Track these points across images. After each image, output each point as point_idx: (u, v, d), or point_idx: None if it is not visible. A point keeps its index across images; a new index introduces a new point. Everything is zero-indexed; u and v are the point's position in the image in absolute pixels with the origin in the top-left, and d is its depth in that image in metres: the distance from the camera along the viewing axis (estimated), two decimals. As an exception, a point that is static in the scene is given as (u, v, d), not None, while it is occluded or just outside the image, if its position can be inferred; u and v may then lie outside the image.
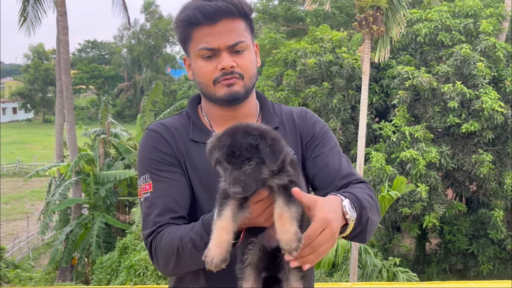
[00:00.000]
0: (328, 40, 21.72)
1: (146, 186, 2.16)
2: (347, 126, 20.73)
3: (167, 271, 2.10)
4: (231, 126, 1.85)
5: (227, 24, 2.14)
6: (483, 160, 17.93)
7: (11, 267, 19.32)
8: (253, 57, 2.25)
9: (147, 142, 2.24)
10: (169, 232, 2.04)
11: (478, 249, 20.13)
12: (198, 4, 2.13)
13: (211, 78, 2.16)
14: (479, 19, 19.98)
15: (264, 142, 1.78)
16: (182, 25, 2.17)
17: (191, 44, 2.19)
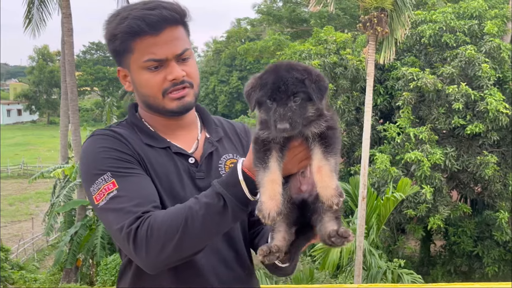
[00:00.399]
0: (332, 41, 21.71)
1: (108, 186, 1.98)
2: (351, 127, 20.71)
3: (162, 257, 1.87)
4: (272, 65, 1.83)
5: (171, 33, 2.07)
6: (488, 162, 17.89)
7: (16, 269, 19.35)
8: (196, 64, 2.21)
9: (98, 145, 2.07)
10: (164, 212, 1.92)
11: (483, 251, 20.06)
12: (140, 13, 2.03)
13: (160, 90, 2.09)
14: (484, 21, 19.94)
15: (310, 78, 1.76)
16: (123, 36, 2.05)
17: (133, 55, 2.08)
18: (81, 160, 2.10)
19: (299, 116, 1.72)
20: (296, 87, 1.73)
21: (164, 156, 2.14)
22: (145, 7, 2.06)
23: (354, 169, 19.30)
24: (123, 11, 2.10)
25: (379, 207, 15.96)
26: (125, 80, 2.19)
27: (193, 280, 2.09)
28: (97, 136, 2.11)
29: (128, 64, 2.12)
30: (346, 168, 21.20)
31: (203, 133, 2.31)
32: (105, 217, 1.97)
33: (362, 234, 15.19)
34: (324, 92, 1.77)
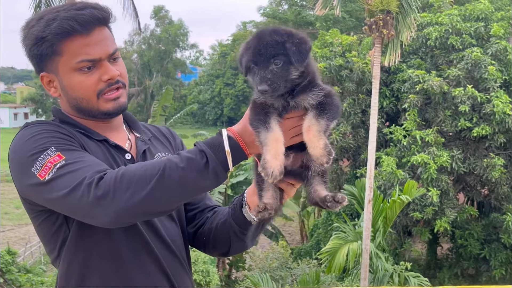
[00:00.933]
0: (338, 44, 21.71)
1: (53, 158, 1.87)
2: (357, 130, 20.69)
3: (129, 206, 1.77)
4: (258, 30, 1.84)
5: (100, 33, 2.03)
6: (494, 164, 17.83)
7: (23, 272, 19.37)
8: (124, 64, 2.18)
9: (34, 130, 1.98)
10: (137, 164, 1.88)
11: (490, 254, 19.98)
12: (70, 14, 1.98)
13: (94, 92, 2.04)
14: (490, 23, 19.90)
15: (291, 40, 1.78)
16: (52, 38, 1.97)
17: (62, 58, 2.01)
18: (14, 149, 1.98)
19: (280, 78, 1.75)
20: (275, 50, 1.75)
21: (103, 148, 2.10)
22: (73, 7, 2.01)
23: (360, 171, 19.27)
24: (47, 13, 2.03)
25: (385, 210, 15.93)
26: (50, 85, 2.11)
27: None
28: (31, 125, 2.03)
29: (56, 68, 2.04)
30: (352, 171, 21.18)
31: (132, 134, 2.30)
32: (54, 187, 1.84)
33: (368, 237, 15.16)
34: (305, 54, 1.78)
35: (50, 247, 2.11)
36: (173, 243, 2.19)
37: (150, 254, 2.09)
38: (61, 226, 2.04)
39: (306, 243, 25.28)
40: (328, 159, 1.73)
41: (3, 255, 18.50)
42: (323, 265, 16.61)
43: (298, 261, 19.31)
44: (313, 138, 1.74)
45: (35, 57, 2.06)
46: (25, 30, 2.06)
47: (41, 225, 2.08)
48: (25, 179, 1.92)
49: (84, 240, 2.03)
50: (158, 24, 75.98)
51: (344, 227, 16.79)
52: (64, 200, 1.84)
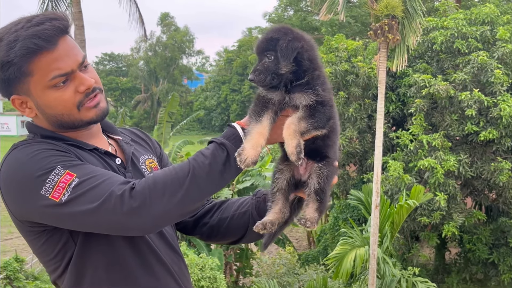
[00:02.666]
0: (343, 49, 21.69)
1: (64, 178, 1.83)
2: (363, 135, 20.66)
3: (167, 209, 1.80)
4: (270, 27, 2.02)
5: (65, 43, 1.96)
6: (502, 168, 17.74)
7: (31, 279, 19.41)
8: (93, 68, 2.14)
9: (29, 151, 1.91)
10: (163, 170, 1.90)
11: (498, 258, 19.87)
12: (31, 31, 1.89)
13: (74, 104, 1.99)
14: (496, 26, 19.84)
15: (284, 38, 1.93)
16: (19, 61, 1.89)
17: (32, 78, 1.93)
18: (9, 173, 1.90)
19: (268, 71, 1.91)
20: (268, 45, 1.93)
21: (96, 157, 2.08)
22: (31, 24, 1.92)
23: (367, 176, 19.22)
24: (6, 34, 1.93)
25: (392, 215, 15.90)
26: (23, 107, 2.03)
27: None
28: (22, 146, 1.97)
29: (27, 89, 1.96)
30: (359, 176, 21.13)
31: (111, 139, 2.28)
32: (76, 206, 1.81)
33: (375, 242, 15.12)
34: (291, 51, 1.91)
35: (54, 267, 2.06)
36: (172, 240, 2.23)
37: (155, 257, 2.10)
38: (67, 243, 2.00)
39: (313, 248, 25.21)
40: (296, 158, 1.83)
41: (11, 262, 18.55)
42: (331, 271, 16.57)
43: (306, 267, 19.27)
44: (288, 136, 1.86)
45: (3, 82, 1.97)
46: None
47: (44, 245, 2.03)
48: (31, 204, 1.87)
49: (91, 252, 2.01)
50: (164, 31, 76.37)
51: (351, 233, 16.76)
52: (92, 216, 1.82)
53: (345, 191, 21.98)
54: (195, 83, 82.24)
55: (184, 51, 76.79)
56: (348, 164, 21.96)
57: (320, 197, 2.02)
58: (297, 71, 1.93)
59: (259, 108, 1.93)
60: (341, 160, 21.08)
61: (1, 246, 29.57)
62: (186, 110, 72.22)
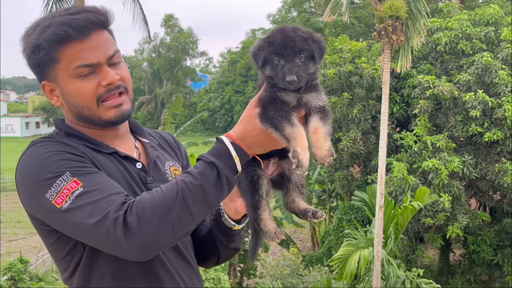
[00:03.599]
0: (347, 50, 21.68)
1: (70, 185, 1.81)
2: (367, 136, 20.64)
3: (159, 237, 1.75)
4: (278, 27, 1.96)
5: (98, 37, 1.97)
6: (506, 169, 17.69)
7: (35, 280, 19.45)
8: (127, 68, 2.13)
9: (45, 151, 1.91)
10: (152, 191, 1.82)
11: (503, 260, 19.82)
12: (64, 19, 1.92)
13: (94, 98, 1.98)
14: (500, 27, 19.80)
15: (312, 38, 1.93)
16: (47, 45, 1.92)
17: (59, 65, 1.95)
18: (23, 170, 1.91)
19: (303, 71, 1.89)
20: (302, 44, 1.89)
21: (114, 161, 2.05)
22: (67, 12, 1.96)
23: (371, 178, 19.20)
24: (42, 21, 1.98)
25: (396, 216, 15.87)
26: (52, 94, 2.05)
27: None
28: (40, 144, 1.95)
29: (55, 76, 1.99)
30: (363, 177, 21.11)
31: (138, 141, 2.26)
32: (74, 217, 1.80)
33: (380, 244, 15.10)
34: (323, 52, 1.94)
35: (64, 267, 2.07)
36: (185, 250, 2.18)
37: (163, 267, 2.07)
38: (76, 246, 2.00)
39: (317, 250, 25.20)
40: (330, 160, 1.84)
41: (15, 263, 18.59)
42: (335, 272, 16.56)
43: (310, 268, 19.25)
44: (320, 139, 1.85)
45: (35, 66, 2.01)
46: (24, 39, 2.01)
47: (54, 244, 2.04)
48: (37, 204, 1.88)
49: (99, 259, 1.99)
50: (167, 33, 76.42)
51: (356, 234, 16.74)
52: (87, 232, 1.81)
53: (349, 192, 21.97)
54: (198, 84, 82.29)
55: (188, 52, 76.82)
56: (352, 165, 21.94)
57: (303, 190, 2.11)
58: (316, 71, 1.96)
59: (283, 112, 1.87)
60: (345, 161, 21.08)
61: (6, 247, 29.63)
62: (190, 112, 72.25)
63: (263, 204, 2.04)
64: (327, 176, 23.21)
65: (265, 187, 2.04)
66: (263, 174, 2.04)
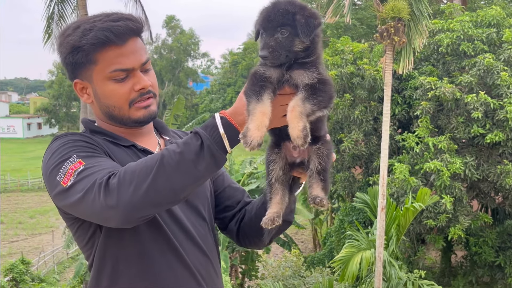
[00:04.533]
0: (349, 51, 21.68)
1: (74, 165, 1.91)
2: (369, 137, 20.63)
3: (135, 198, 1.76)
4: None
5: (134, 43, 2.09)
6: (508, 171, 17.68)
7: (37, 281, 19.49)
8: (155, 75, 2.23)
9: (62, 141, 2.04)
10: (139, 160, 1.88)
11: (505, 261, 19.79)
12: (106, 25, 2.03)
13: (127, 101, 2.09)
14: (502, 28, 19.79)
15: (302, 13, 1.80)
16: (88, 48, 2.04)
17: (96, 66, 2.07)
18: (44, 160, 2.03)
19: (282, 48, 1.78)
20: (284, 19, 1.78)
21: (130, 154, 2.14)
22: (108, 19, 2.07)
23: (373, 179, 19.20)
24: (83, 23, 2.08)
25: (398, 218, 15.86)
26: (83, 92, 2.17)
27: None
28: (59, 138, 2.08)
29: (90, 76, 2.11)
30: (365, 179, 21.09)
31: (162, 139, 2.36)
32: (72, 192, 1.88)
33: (381, 245, 15.08)
34: (313, 28, 1.80)
35: (87, 254, 2.16)
36: (203, 242, 2.22)
37: (177, 256, 2.11)
38: (95, 233, 2.09)
39: (319, 251, 25.18)
40: (303, 142, 1.74)
41: (17, 264, 18.62)
42: (336, 274, 16.54)
43: (311, 270, 19.25)
44: (293, 119, 1.75)
45: (70, 65, 2.12)
46: (61, 38, 2.12)
47: (77, 232, 2.14)
48: (53, 189, 1.96)
49: (112, 245, 2.07)
50: (169, 34, 76.49)
51: (357, 235, 16.73)
52: (80, 204, 1.87)
53: (351, 194, 21.95)
54: (200, 85, 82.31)
55: (190, 53, 76.89)
56: (353, 167, 21.93)
57: (323, 177, 1.99)
58: (308, 48, 1.83)
59: (257, 87, 1.81)
60: (347, 162, 21.07)
61: (8, 248, 29.65)
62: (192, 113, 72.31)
63: (275, 188, 2.02)
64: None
65: (277, 172, 2.02)
66: (277, 159, 2.02)
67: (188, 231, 2.16)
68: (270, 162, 2.02)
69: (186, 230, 2.16)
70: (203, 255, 2.21)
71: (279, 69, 1.83)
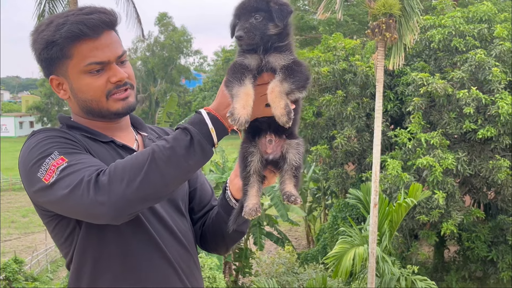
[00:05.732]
0: (341, 48, 21.70)
1: (56, 162, 1.90)
2: (362, 134, 20.66)
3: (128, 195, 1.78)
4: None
5: (108, 36, 2.09)
6: (500, 166, 17.75)
7: (30, 280, 19.41)
8: (131, 66, 2.23)
9: (40, 137, 2.02)
10: (127, 157, 1.89)
11: (497, 256, 19.89)
12: (79, 18, 2.03)
13: (103, 93, 2.09)
14: (493, 24, 19.85)
15: (275, 1, 1.88)
16: (62, 42, 2.02)
17: (71, 61, 2.06)
18: (22, 158, 2.01)
19: (257, 29, 1.85)
20: (258, 4, 1.86)
21: (109, 150, 2.14)
22: (81, 12, 2.07)
23: (366, 175, 19.24)
24: (56, 18, 2.09)
25: (391, 213, 15.90)
26: (59, 88, 2.16)
27: None
28: (36, 133, 2.06)
29: (65, 71, 2.10)
30: (358, 175, 21.14)
31: (139, 135, 2.36)
32: (56, 188, 1.87)
33: (374, 241, 15.13)
34: (286, 14, 1.88)
35: (65, 252, 2.15)
36: (185, 238, 2.23)
37: (160, 252, 2.12)
38: (74, 230, 2.08)
39: (312, 247, 25.23)
40: (287, 119, 1.77)
41: (10, 263, 18.54)
42: (330, 270, 16.59)
43: (305, 266, 19.29)
44: (274, 99, 1.79)
45: (45, 61, 2.11)
46: (35, 35, 2.11)
47: (55, 230, 2.12)
48: (33, 185, 1.95)
49: (93, 242, 2.07)
50: (161, 31, 76.20)
51: (350, 231, 16.77)
52: (66, 201, 1.86)
53: (344, 190, 22.00)
54: (193, 83, 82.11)
55: (182, 51, 76.65)
56: (346, 163, 21.97)
57: (297, 173, 2.01)
58: (281, 33, 1.90)
59: (238, 74, 1.84)
60: (340, 159, 21.10)
61: (1, 247, 29.54)
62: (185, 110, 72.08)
63: (252, 180, 2.03)
64: (322, 174, 23.21)
65: (256, 164, 2.03)
66: (255, 152, 2.03)
67: (169, 227, 2.17)
68: (248, 154, 2.04)
69: (167, 226, 2.16)
70: (185, 250, 2.21)
71: (256, 55, 1.88)
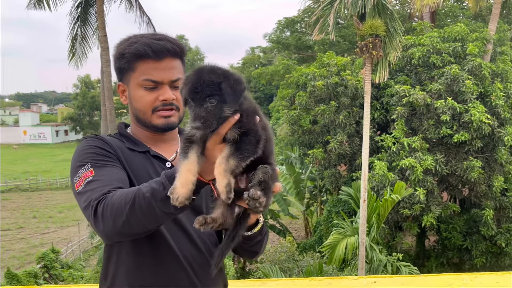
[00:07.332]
0: (334, 64, 21.70)
1: (86, 173, 1.94)
2: (352, 139, 20.63)
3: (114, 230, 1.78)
4: (198, 66, 1.75)
5: (170, 62, 2.10)
6: (473, 166, 17.70)
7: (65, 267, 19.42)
8: None
9: (84, 145, 2.07)
10: (122, 191, 1.84)
11: (471, 245, 19.80)
12: (148, 41, 2.08)
13: (151, 107, 2.11)
14: (466, 43, 19.82)
15: (226, 81, 1.67)
16: (129, 57, 2.10)
17: (134, 74, 2.11)
18: (72, 157, 2.07)
19: (213, 116, 1.65)
20: (211, 90, 1.65)
21: (143, 159, 2.13)
22: (153, 37, 2.12)
23: (356, 175, 19.19)
24: (134, 37, 2.15)
25: (378, 208, 15.86)
26: (123, 94, 2.21)
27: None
28: (84, 140, 2.12)
29: (128, 81, 2.15)
30: (349, 174, 21.10)
31: None
32: (80, 199, 1.91)
33: (364, 232, 15.09)
34: (239, 94, 1.69)
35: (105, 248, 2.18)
36: (200, 240, 2.13)
37: (170, 251, 2.05)
38: None
39: (310, 238, 25.16)
40: (226, 197, 1.64)
41: (48, 253, 18.57)
42: (325, 257, 16.53)
43: (304, 254, 19.21)
44: (218, 175, 1.64)
45: (117, 69, 2.19)
46: (116, 47, 2.19)
47: None
48: (72, 186, 2.00)
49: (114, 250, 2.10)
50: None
51: (343, 224, 16.73)
52: (84, 213, 1.91)
53: (337, 188, 21.95)
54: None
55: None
56: (339, 164, 21.93)
57: (264, 187, 1.73)
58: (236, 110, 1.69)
59: (185, 147, 1.72)
60: (333, 161, 21.06)
61: (40, 239, 29.59)
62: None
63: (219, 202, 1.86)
64: (318, 174, 23.15)
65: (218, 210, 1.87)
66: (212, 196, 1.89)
67: (184, 228, 2.09)
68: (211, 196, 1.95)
69: (182, 226, 2.09)
70: (198, 251, 2.11)
71: None
